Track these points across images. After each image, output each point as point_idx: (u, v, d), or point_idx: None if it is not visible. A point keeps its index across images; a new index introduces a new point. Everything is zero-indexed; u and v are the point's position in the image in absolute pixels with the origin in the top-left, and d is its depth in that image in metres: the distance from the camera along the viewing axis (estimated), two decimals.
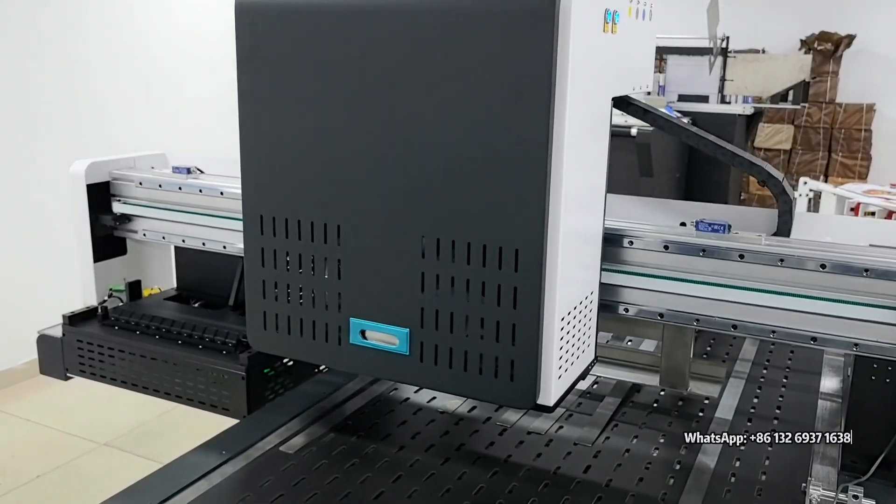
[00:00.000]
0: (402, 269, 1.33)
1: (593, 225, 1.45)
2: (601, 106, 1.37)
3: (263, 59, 1.37)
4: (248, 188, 1.45)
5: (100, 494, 1.41)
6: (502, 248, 1.25)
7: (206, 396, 1.83)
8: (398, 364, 1.38)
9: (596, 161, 1.40)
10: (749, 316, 1.52)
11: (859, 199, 4.61)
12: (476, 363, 1.32)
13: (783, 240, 1.52)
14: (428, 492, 1.44)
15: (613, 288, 1.61)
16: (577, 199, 1.30)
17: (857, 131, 8.79)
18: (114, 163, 2.16)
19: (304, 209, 1.40)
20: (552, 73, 1.17)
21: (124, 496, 1.40)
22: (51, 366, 2.09)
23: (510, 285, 1.26)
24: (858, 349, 1.45)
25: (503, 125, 1.22)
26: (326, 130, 1.35)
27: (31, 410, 4.23)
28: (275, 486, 1.44)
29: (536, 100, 1.18)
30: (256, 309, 1.49)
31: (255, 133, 1.42)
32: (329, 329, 1.43)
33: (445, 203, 1.28)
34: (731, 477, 1.50)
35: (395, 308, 1.36)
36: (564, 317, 1.32)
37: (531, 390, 1.29)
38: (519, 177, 1.22)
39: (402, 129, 1.29)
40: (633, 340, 2.16)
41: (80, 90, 4.78)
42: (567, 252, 1.28)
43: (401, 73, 1.27)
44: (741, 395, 1.86)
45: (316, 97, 1.35)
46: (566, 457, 1.58)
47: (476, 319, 1.30)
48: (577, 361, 1.42)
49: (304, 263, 1.43)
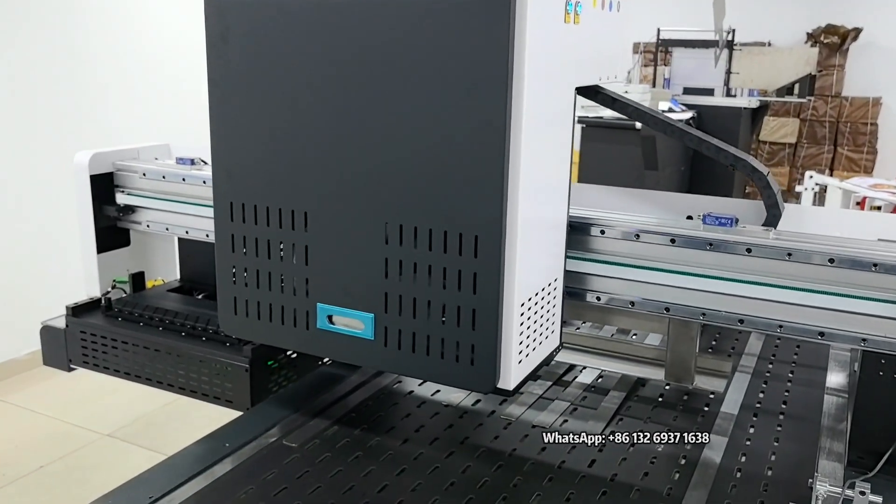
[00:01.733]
0: (367, 256, 1.37)
1: (556, 213, 1.47)
2: (563, 95, 1.40)
3: (231, 48, 1.40)
4: (218, 176, 1.49)
5: (102, 486, 1.40)
6: (462, 235, 1.29)
7: (210, 388, 1.83)
8: (364, 348, 1.42)
9: (559, 149, 1.42)
10: (756, 310, 1.51)
11: (865, 194, 4.59)
12: (438, 347, 1.35)
13: (791, 234, 1.50)
14: (432, 485, 1.43)
15: (619, 282, 1.60)
16: (536, 187, 1.33)
17: (863, 125, 8.75)
18: (117, 153, 2.15)
19: (271, 196, 1.44)
20: (509, 63, 1.20)
21: (127, 488, 1.40)
22: (54, 357, 2.09)
23: (470, 271, 1.29)
24: (866, 344, 1.44)
25: (462, 114, 1.25)
26: (293, 119, 1.38)
27: (34, 401, 4.24)
28: (278, 479, 1.43)
29: (494, 88, 1.21)
30: (227, 294, 1.53)
31: (224, 121, 1.45)
32: (297, 314, 1.47)
33: (407, 190, 1.31)
34: (736, 472, 1.50)
35: (361, 293, 1.40)
36: (525, 302, 1.35)
37: (491, 374, 1.33)
38: (477, 164, 1.25)
39: (366, 118, 1.32)
40: (637, 334, 2.16)
41: (84, 81, 4.77)
42: (526, 239, 1.31)
43: (363, 63, 1.30)
44: (747, 389, 1.85)
45: (282, 87, 1.38)
46: (571, 451, 1.57)
47: (438, 305, 1.33)
48: (540, 347, 1.44)
49: (272, 250, 1.46)
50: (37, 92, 4.53)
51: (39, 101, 4.55)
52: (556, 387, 1.86)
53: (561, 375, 1.93)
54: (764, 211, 1.62)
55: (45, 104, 4.57)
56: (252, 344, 1.78)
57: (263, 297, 1.49)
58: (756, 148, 9.07)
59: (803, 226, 1.57)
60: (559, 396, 1.81)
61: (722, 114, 7.17)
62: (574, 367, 1.96)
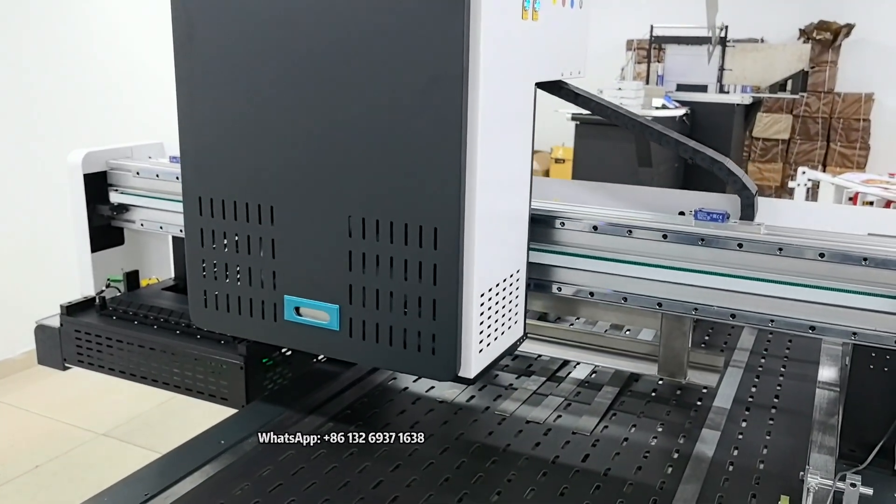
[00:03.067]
0: (331, 248, 1.41)
1: (516, 206, 1.49)
2: (523, 90, 1.42)
3: (197, 47, 1.44)
4: (186, 171, 1.52)
5: (98, 484, 1.41)
6: (422, 228, 1.32)
7: (205, 386, 1.83)
8: (330, 339, 1.45)
9: (519, 144, 1.45)
10: (748, 305, 1.52)
11: (858, 189, 4.61)
12: (400, 337, 1.39)
13: (782, 228, 1.51)
14: (427, 481, 1.44)
15: (612, 277, 1.61)
16: (495, 181, 1.36)
17: (855, 121, 8.78)
18: (111, 152, 2.15)
19: (238, 191, 1.47)
20: (464, 59, 1.23)
21: (123, 485, 1.40)
22: (49, 356, 2.09)
23: (430, 263, 1.33)
24: (857, 338, 1.45)
25: (420, 109, 1.28)
26: (257, 116, 1.42)
27: (30, 401, 4.23)
28: (273, 476, 1.44)
29: (450, 84, 1.24)
30: (197, 287, 1.57)
31: (191, 118, 1.49)
32: (265, 306, 1.50)
33: (369, 184, 1.35)
34: (729, 465, 1.51)
35: (326, 285, 1.43)
36: (484, 293, 1.38)
37: (452, 363, 1.36)
38: (435, 159, 1.29)
39: (328, 115, 1.36)
40: (631, 329, 2.17)
41: (78, 79, 4.76)
42: (485, 231, 1.34)
43: (325, 60, 1.33)
44: (739, 384, 1.86)
45: (246, 84, 1.41)
46: (565, 446, 1.58)
47: (400, 296, 1.37)
48: (502, 337, 1.48)
49: (240, 243, 1.50)
50: (30, 91, 4.51)
51: (33, 100, 4.53)
52: (550, 382, 1.87)
53: (555, 371, 1.93)
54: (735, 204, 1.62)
55: (38, 103, 4.55)
56: (247, 342, 1.79)
57: (232, 290, 1.53)
58: (749, 144, 9.09)
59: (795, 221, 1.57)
60: (553, 392, 1.82)
61: (715, 110, 7.19)
62: (568, 363, 1.97)
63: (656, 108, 6.64)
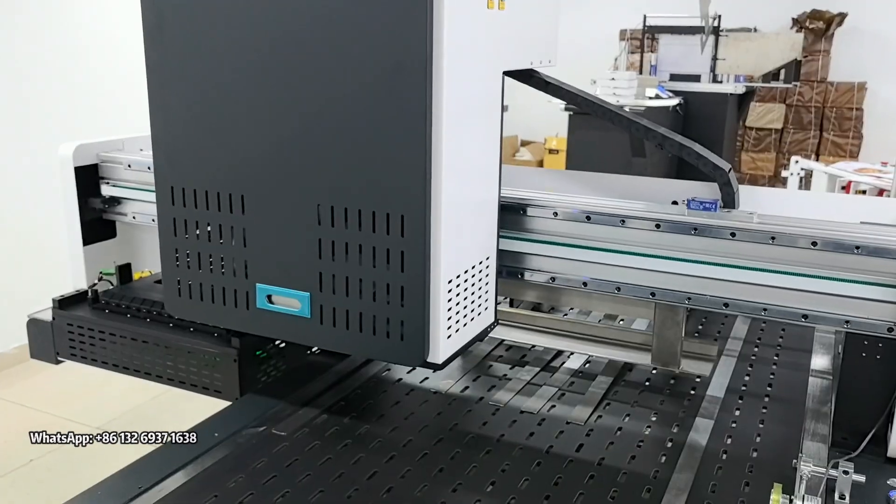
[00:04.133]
0: (301, 237, 1.42)
1: (484, 194, 1.51)
2: (490, 79, 1.44)
3: (167, 37, 1.45)
4: (158, 161, 1.53)
5: (93, 478, 1.40)
6: (389, 215, 1.33)
7: (199, 379, 1.83)
8: (301, 326, 1.46)
9: (486, 132, 1.46)
10: (741, 294, 1.52)
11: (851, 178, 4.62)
12: (370, 324, 1.40)
13: (775, 217, 1.51)
14: (421, 471, 1.44)
15: (605, 267, 1.61)
16: (462, 169, 1.38)
17: (848, 110, 8.79)
18: (102, 145, 2.14)
19: (209, 180, 1.48)
20: (427, 47, 1.24)
21: (117, 478, 1.40)
22: (41, 350, 2.08)
23: (398, 250, 1.34)
24: (850, 326, 1.45)
25: (385, 98, 1.29)
26: (226, 106, 1.43)
27: (24, 395, 4.23)
28: (268, 468, 1.44)
29: (414, 73, 1.26)
30: (171, 276, 1.58)
31: (162, 108, 1.50)
32: (238, 294, 1.51)
33: (337, 173, 1.36)
34: (722, 454, 1.51)
35: (297, 273, 1.44)
36: (452, 280, 1.40)
37: (420, 349, 1.38)
38: (400, 147, 1.30)
39: (295, 104, 1.37)
40: (624, 319, 2.17)
41: (68, 71, 4.73)
42: (452, 219, 1.35)
43: (292, 50, 1.35)
44: (733, 373, 1.87)
45: (215, 74, 1.42)
46: (559, 436, 1.58)
47: (369, 283, 1.39)
48: (472, 323, 1.50)
49: (212, 232, 1.51)
50: (21, 84, 4.49)
51: (23, 93, 4.51)
52: (544, 373, 1.88)
53: (549, 361, 1.94)
54: (718, 192, 1.62)
55: (29, 96, 4.53)
56: (240, 334, 1.78)
57: (206, 279, 1.54)
58: (743, 134, 9.10)
59: (788, 210, 1.57)
60: (547, 382, 1.82)
61: (708, 100, 7.18)
62: (562, 353, 1.97)
63: (650, 99, 6.63)
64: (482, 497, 1.37)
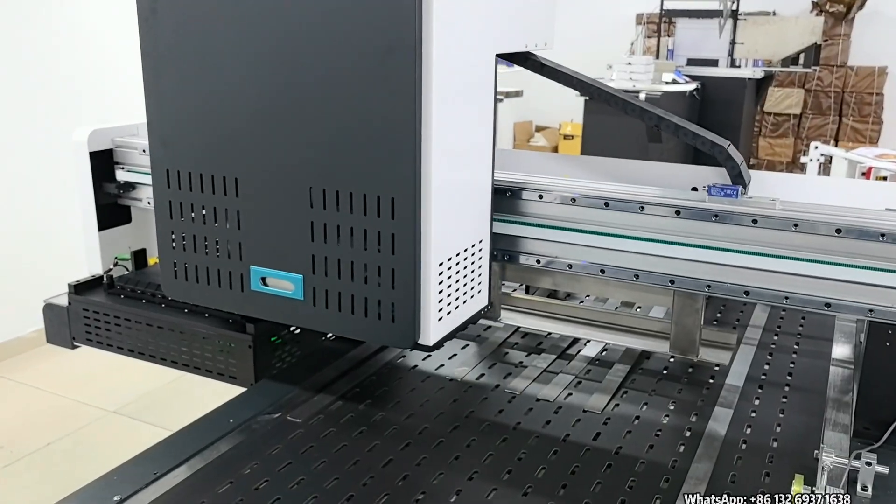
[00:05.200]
0: (294, 219, 1.43)
1: (476, 177, 1.51)
2: (482, 61, 1.45)
3: (161, 21, 1.46)
4: (154, 144, 1.55)
5: (109, 462, 1.41)
6: (380, 198, 1.35)
7: (213, 365, 1.83)
8: (294, 308, 1.48)
9: (478, 115, 1.47)
10: (762, 282, 1.50)
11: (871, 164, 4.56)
12: (362, 306, 1.42)
13: (797, 204, 1.49)
14: (437, 459, 1.43)
15: (623, 254, 1.59)
16: (452, 151, 1.38)
17: (868, 95, 8.67)
18: (116, 130, 2.13)
19: (204, 163, 1.50)
20: (417, 30, 1.25)
21: (133, 464, 1.40)
22: (57, 335, 2.08)
23: (388, 232, 1.36)
24: (873, 315, 1.43)
25: (376, 81, 1.30)
26: (220, 89, 1.44)
27: (41, 379, 4.26)
28: (283, 454, 1.44)
29: (403, 55, 1.26)
30: (168, 259, 1.61)
31: (157, 92, 1.51)
32: (233, 277, 1.54)
33: (329, 156, 1.38)
34: (742, 444, 1.49)
35: (290, 256, 1.46)
36: (443, 262, 1.41)
37: (411, 331, 1.40)
38: (391, 130, 1.31)
39: (287, 87, 1.38)
40: (641, 307, 2.15)
41: (82, 56, 4.73)
42: (442, 202, 1.36)
43: (285, 33, 1.35)
44: (752, 361, 1.85)
45: (209, 58, 1.44)
46: (575, 424, 1.57)
47: (360, 265, 1.40)
48: (464, 306, 1.51)
49: (207, 215, 1.53)
50: (37, 68, 4.49)
51: (39, 78, 4.51)
52: (561, 360, 1.86)
53: (565, 349, 1.92)
54: (727, 177, 1.60)
55: (45, 81, 4.54)
56: (255, 320, 1.78)
57: (201, 261, 1.56)
58: (760, 119, 9.00)
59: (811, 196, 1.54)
60: (564, 370, 1.80)
61: (726, 85, 7.11)
62: (578, 341, 1.95)
63: (666, 84, 6.56)
64: (498, 485, 1.36)
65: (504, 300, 1.98)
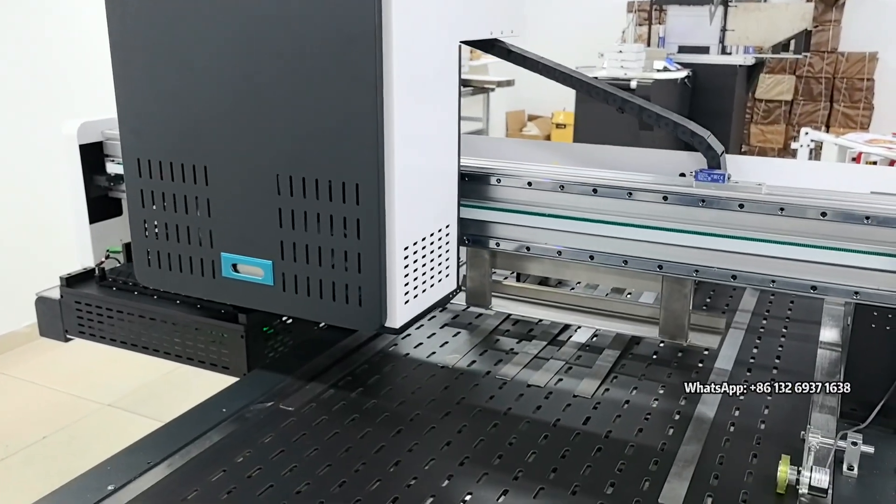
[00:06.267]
0: (263, 206, 1.46)
1: (441, 163, 1.54)
2: (445, 49, 1.48)
3: (129, 10, 1.48)
4: (125, 134, 1.57)
5: (105, 455, 1.41)
6: (345, 184, 1.38)
7: (206, 355, 1.83)
8: (265, 294, 1.52)
9: (442, 101, 1.50)
10: (749, 266, 1.51)
11: (861, 149, 4.58)
12: (330, 290, 1.45)
13: (783, 188, 1.50)
14: (429, 445, 1.44)
15: (613, 241, 1.60)
16: (415, 138, 1.41)
17: (859, 81, 8.69)
18: (106, 122, 2.12)
19: (174, 152, 1.53)
20: (377, 18, 1.27)
21: (126, 454, 1.41)
22: (50, 328, 2.09)
23: (354, 218, 1.39)
24: (859, 297, 1.44)
25: (336, 69, 1.33)
26: (188, 78, 1.46)
27: (35, 373, 4.26)
28: (275, 442, 1.45)
29: (364, 43, 1.29)
30: (141, 247, 1.63)
31: (127, 81, 1.54)
32: (204, 263, 1.57)
33: (294, 143, 1.40)
34: (730, 426, 1.51)
35: (259, 242, 1.49)
36: (409, 246, 1.45)
37: (377, 314, 1.43)
38: (353, 117, 1.34)
39: (255, 75, 1.40)
40: (632, 293, 2.16)
41: (74, 48, 4.71)
42: (406, 187, 1.39)
43: (250, 21, 1.38)
44: (741, 345, 1.86)
45: (177, 47, 1.46)
46: (566, 409, 1.58)
47: (328, 250, 1.43)
48: (431, 290, 1.55)
49: (178, 203, 1.55)
50: (29, 61, 4.48)
51: (32, 71, 4.49)
52: (552, 346, 1.87)
53: (556, 335, 1.93)
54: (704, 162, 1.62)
55: (37, 73, 4.52)
56: (247, 311, 1.78)
57: (173, 249, 1.59)
58: (752, 106, 9.02)
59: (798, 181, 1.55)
60: (554, 356, 1.82)
61: (717, 72, 7.11)
62: (569, 327, 1.97)
63: (658, 71, 6.57)
64: (489, 470, 1.37)
65: (495, 288, 1.99)
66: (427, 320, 2.00)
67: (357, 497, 1.28)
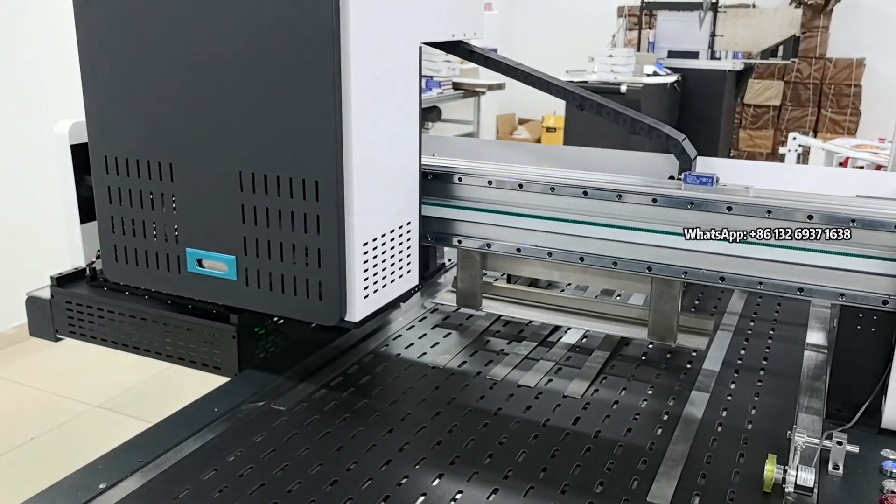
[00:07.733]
0: (226, 202, 1.51)
1: (401, 162, 1.58)
2: (404, 50, 1.52)
3: (95, 9, 1.52)
4: (92, 132, 1.61)
5: (94, 454, 1.41)
6: (305, 182, 1.42)
7: (197, 355, 1.84)
8: (229, 288, 1.56)
9: (402, 101, 1.54)
10: (736, 268, 1.53)
11: (848, 154, 4.62)
12: (291, 285, 1.50)
13: (771, 191, 1.52)
14: (419, 444, 1.45)
15: (602, 242, 1.62)
16: (374, 137, 1.45)
17: (846, 86, 8.77)
18: None
19: (140, 149, 1.56)
20: (334, 20, 1.31)
21: (117, 453, 1.41)
22: (40, 328, 2.08)
23: (314, 214, 1.43)
24: (844, 299, 1.46)
25: (296, 69, 1.37)
26: (153, 76, 1.50)
27: (24, 374, 4.24)
28: (267, 442, 1.45)
29: (322, 46, 1.33)
30: (108, 243, 1.68)
31: (93, 79, 1.57)
32: (170, 259, 1.61)
33: (255, 141, 1.44)
34: (717, 426, 1.53)
35: (223, 238, 1.54)
36: (368, 242, 1.49)
37: (336, 308, 1.48)
38: (312, 116, 1.38)
39: (215, 74, 1.44)
40: (621, 295, 2.18)
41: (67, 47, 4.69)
42: (365, 185, 1.44)
43: (208, 20, 1.42)
44: (728, 347, 1.88)
45: (141, 47, 1.50)
46: (555, 409, 1.60)
47: (289, 246, 1.48)
48: (391, 285, 1.60)
49: (144, 200, 1.60)
50: (20, 60, 4.46)
51: (23, 70, 4.48)
52: (541, 347, 1.89)
53: (546, 336, 1.95)
54: (676, 163, 1.68)
55: (25, 73, 4.50)
56: (239, 311, 1.79)
57: (140, 245, 1.64)
58: (741, 111, 9.07)
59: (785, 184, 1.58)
60: (544, 357, 1.83)
61: (706, 77, 7.16)
62: (559, 329, 1.98)
63: (647, 76, 6.60)
64: (480, 469, 1.38)
65: (486, 289, 2.00)
66: (418, 321, 2.02)
67: (349, 496, 1.29)
